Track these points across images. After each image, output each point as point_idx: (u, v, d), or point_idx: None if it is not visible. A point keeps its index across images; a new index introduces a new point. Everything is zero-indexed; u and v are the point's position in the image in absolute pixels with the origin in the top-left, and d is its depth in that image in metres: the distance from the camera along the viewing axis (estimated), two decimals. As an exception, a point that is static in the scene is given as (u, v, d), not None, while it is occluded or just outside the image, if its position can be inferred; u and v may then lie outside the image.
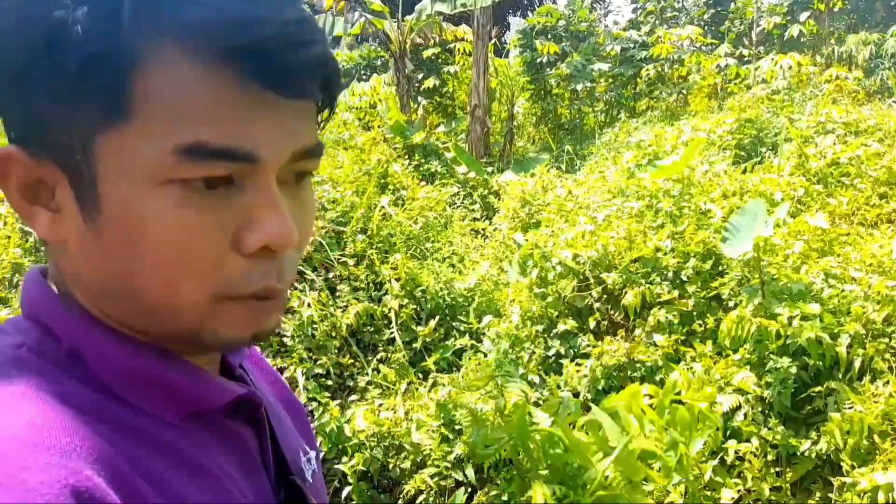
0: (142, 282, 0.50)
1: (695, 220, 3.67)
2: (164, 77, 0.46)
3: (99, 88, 0.46)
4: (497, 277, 4.63)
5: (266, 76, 0.47)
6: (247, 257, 0.50)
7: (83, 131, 0.48)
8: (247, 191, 0.50)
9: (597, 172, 6.16)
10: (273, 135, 0.50)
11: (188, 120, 0.47)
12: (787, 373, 2.57)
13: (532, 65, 10.59)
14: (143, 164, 0.47)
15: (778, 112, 6.69)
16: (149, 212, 0.48)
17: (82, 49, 0.45)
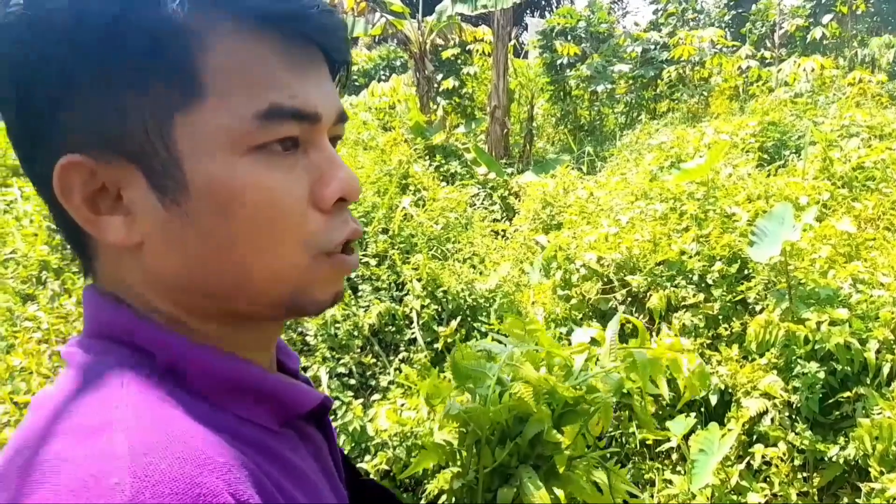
0: (244, 250, 0.51)
1: (720, 223, 3.64)
2: (228, 51, 0.49)
3: (170, 71, 0.47)
4: (518, 279, 4.62)
5: (315, 37, 0.52)
6: (324, 212, 0.53)
7: (159, 116, 0.48)
8: (309, 151, 0.53)
9: (618, 174, 6.13)
10: (324, 95, 0.53)
11: (260, 87, 0.49)
12: (814, 378, 2.55)
13: (552, 66, 10.56)
14: (226, 135, 0.49)
15: (801, 115, 6.63)
16: (237, 179, 0.49)
17: (147, 35, 0.47)
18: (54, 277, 4.38)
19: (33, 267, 4.56)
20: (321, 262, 0.53)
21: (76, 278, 4.10)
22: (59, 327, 3.63)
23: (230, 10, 0.49)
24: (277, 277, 0.52)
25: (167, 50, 0.47)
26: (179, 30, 0.47)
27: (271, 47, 0.50)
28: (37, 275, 4.53)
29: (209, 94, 0.48)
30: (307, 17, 0.51)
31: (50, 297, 4.00)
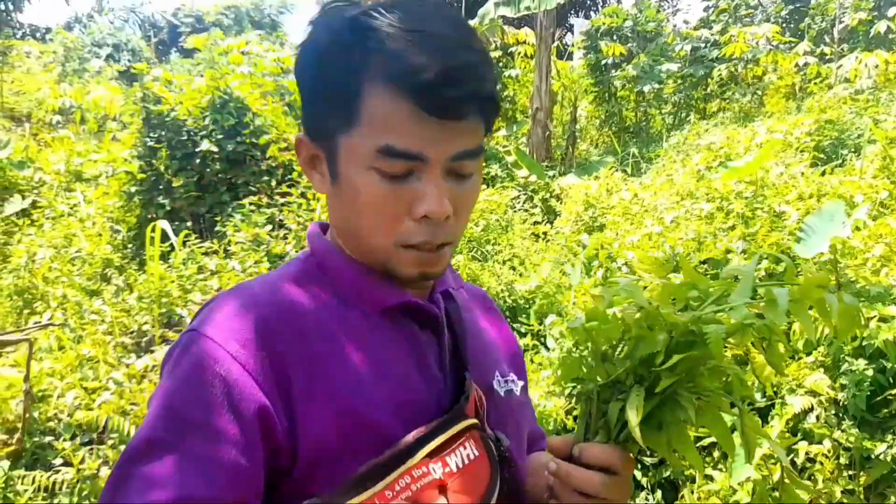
0: (357, 227, 0.81)
1: (768, 222, 3.60)
2: (375, 103, 0.74)
3: (343, 107, 0.77)
4: (559, 280, 4.64)
5: (429, 107, 0.73)
6: (415, 221, 0.78)
7: (334, 130, 0.78)
8: (420, 179, 0.76)
9: (664, 175, 6.08)
10: (436, 143, 0.75)
11: (386, 131, 0.74)
12: (862, 375, 2.51)
13: (596, 67, 10.49)
14: (360, 155, 0.76)
15: (861, 113, 6.45)
16: (360, 184, 0.77)
17: (339, 87, 0.76)
18: (118, 274, 4.60)
19: (98, 264, 4.80)
20: (404, 251, 0.79)
21: (137, 275, 4.30)
22: (122, 320, 3.82)
23: (384, 79, 0.73)
24: (375, 251, 0.81)
25: (344, 96, 0.76)
26: (353, 86, 0.75)
27: (405, 106, 0.73)
28: (101, 272, 4.76)
29: (359, 126, 0.75)
30: (429, 93, 0.72)
31: (114, 293, 4.21)
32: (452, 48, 0.74)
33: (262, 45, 9.85)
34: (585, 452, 0.78)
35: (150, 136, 5.93)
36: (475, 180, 0.81)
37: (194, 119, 6.00)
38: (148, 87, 6.15)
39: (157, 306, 3.84)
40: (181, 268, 4.35)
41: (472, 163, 0.79)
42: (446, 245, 0.80)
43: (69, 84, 11.32)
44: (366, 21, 0.75)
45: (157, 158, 5.84)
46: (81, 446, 2.96)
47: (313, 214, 4.97)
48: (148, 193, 5.78)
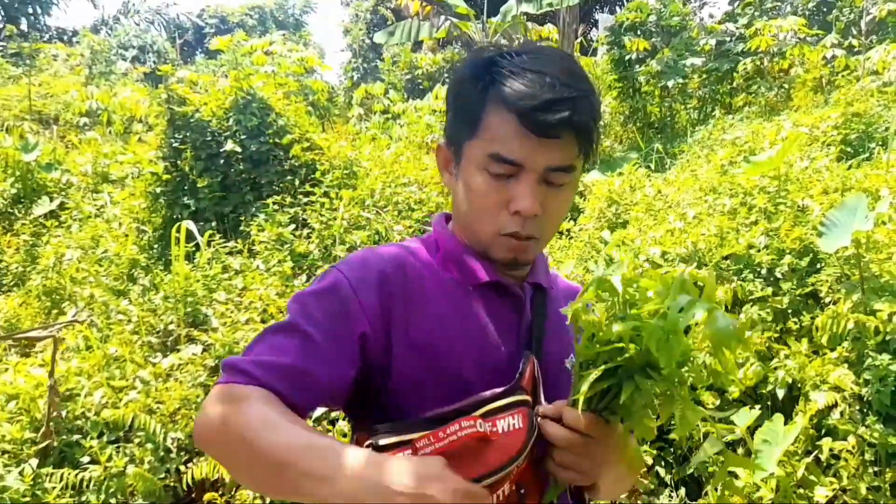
0: (468, 215, 1.03)
1: (791, 216, 3.56)
2: (492, 119, 0.98)
3: (471, 121, 1.00)
4: (583, 277, 4.62)
5: (529, 126, 0.95)
6: (511, 215, 0.99)
7: (461, 140, 1.02)
8: (518, 182, 0.98)
9: (688, 171, 6.02)
10: (533, 155, 0.96)
11: (496, 141, 0.97)
12: (886, 370, 2.48)
13: (620, 62, 10.40)
14: (475, 158, 1.00)
15: (890, 105, 6.32)
16: (473, 181, 1.00)
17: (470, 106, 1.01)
18: (144, 274, 4.67)
19: (124, 265, 4.88)
20: (500, 238, 1.01)
21: (163, 275, 4.37)
22: (148, 319, 3.88)
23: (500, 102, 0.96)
24: (480, 235, 1.03)
25: (472, 113, 1.00)
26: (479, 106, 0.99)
27: (515, 121, 0.95)
28: (128, 272, 4.84)
29: (479, 136, 0.99)
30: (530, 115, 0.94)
31: (140, 293, 4.29)
32: (555, 84, 0.94)
33: (285, 45, 9.93)
34: (566, 416, 0.91)
35: (174, 138, 6.02)
36: (566, 191, 1.02)
37: (218, 120, 6.07)
38: (172, 88, 6.23)
39: (183, 306, 3.90)
40: (206, 267, 4.41)
41: (565, 176, 0.99)
42: (533, 239, 1.00)
43: (96, 86, 11.51)
44: (497, 60, 0.99)
45: (182, 159, 5.92)
46: (108, 444, 3.01)
47: (336, 213, 5.01)
48: (173, 194, 5.86)
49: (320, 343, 0.92)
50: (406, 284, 1.00)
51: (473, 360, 0.98)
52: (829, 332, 2.74)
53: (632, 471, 1.08)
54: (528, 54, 0.99)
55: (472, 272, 1.04)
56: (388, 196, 5.57)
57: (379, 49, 18.69)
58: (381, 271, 1.00)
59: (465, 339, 0.99)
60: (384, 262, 1.02)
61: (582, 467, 0.92)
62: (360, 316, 0.95)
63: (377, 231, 5.02)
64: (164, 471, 2.99)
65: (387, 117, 10.83)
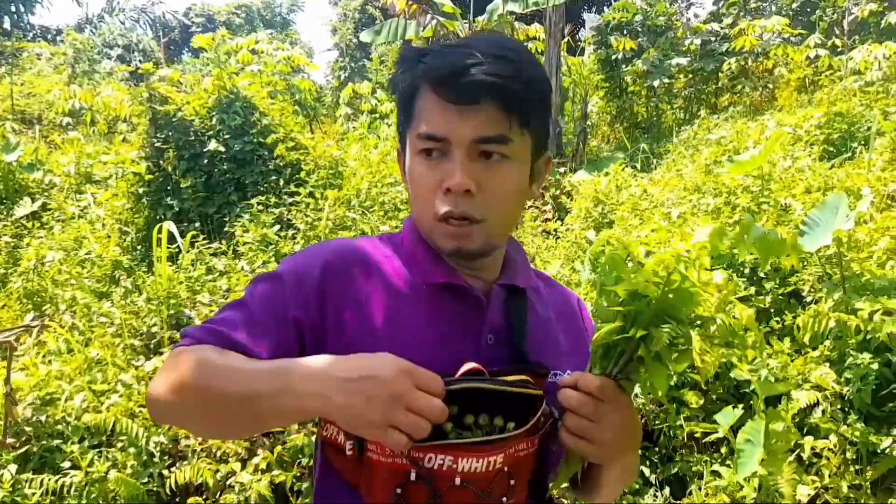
0: (413, 208, 1.00)
1: (774, 216, 3.58)
2: (421, 100, 0.95)
3: (406, 110, 0.98)
4: (569, 277, 4.63)
5: (445, 94, 0.91)
6: (443, 194, 0.93)
7: (404, 133, 0.99)
8: (447, 160, 0.92)
9: (673, 171, 6.05)
10: (459, 127, 0.91)
11: (423, 120, 0.94)
12: (867, 369, 2.49)
13: (607, 62, 10.43)
14: (412, 144, 0.96)
15: (871, 105, 6.37)
16: (412, 167, 0.97)
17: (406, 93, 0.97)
18: (126, 276, 4.63)
19: (107, 267, 4.83)
20: (438, 225, 0.95)
21: (146, 276, 4.33)
22: (130, 322, 3.85)
23: (424, 80, 0.94)
24: (424, 226, 0.98)
25: (406, 101, 0.97)
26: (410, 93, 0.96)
27: (432, 96, 0.92)
28: (110, 274, 4.79)
29: (414, 120, 0.95)
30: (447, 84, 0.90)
31: (122, 294, 4.24)
32: (474, 52, 0.90)
33: (271, 43, 9.88)
34: (580, 381, 0.90)
35: (157, 137, 5.96)
36: (507, 167, 0.94)
37: (201, 119, 6.02)
38: (154, 87, 6.18)
39: (166, 308, 3.86)
40: (189, 269, 4.37)
41: (498, 147, 0.92)
42: (472, 222, 0.93)
43: (79, 86, 11.40)
44: (426, 49, 0.98)
45: (165, 159, 5.87)
46: (90, 449, 2.97)
47: (322, 213, 4.98)
48: (156, 195, 5.81)
49: (262, 324, 0.93)
50: (352, 278, 0.97)
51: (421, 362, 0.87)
52: (810, 332, 2.75)
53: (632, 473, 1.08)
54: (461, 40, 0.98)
55: (428, 272, 1.00)
56: (374, 196, 5.54)
57: (367, 48, 18.65)
58: (327, 261, 0.98)
59: (409, 340, 0.94)
60: (335, 253, 1.00)
61: (595, 435, 0.89)
62: (295, 302, 0.94)
63: (363, 231, 5.00)
64: (147, 475, 2.95)
65: (374, 117, 10.81)
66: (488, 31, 1.11)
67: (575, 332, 1.11)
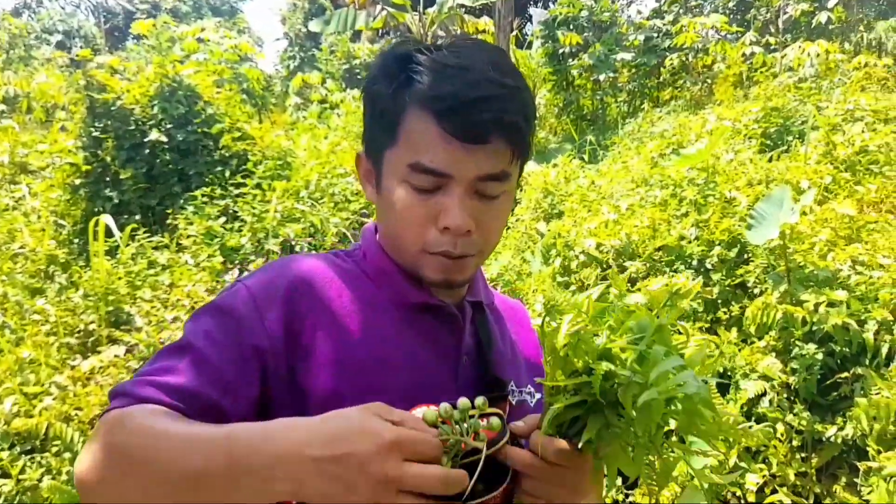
0: (394, 232, 0.91)
1: (719, 208, 3.65)
2: (411, 124, 0.85)
3: (388, 128, 0.87)
4: (520, 267, 4.64)
5: (453, 130, 0.83)
6: (440, 231, 0.86)
7: (381, 147, 0.89)
8: (446, 194, 0.85)
9: (619, 163, 6.13)
10: (462, 163, 0.84)
11: (416, 150, 0.84)
12: (812, 359, 2.56)
13: (554, 56, 10.52)
14: (397, 169, 0.87)
15: (805, 100, 6.58)
16: (395, 195, 0.87)
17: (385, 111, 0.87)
18: (61, 271, 4.43)
19: (41, 262, 4.61)
20: (428, 257, 0.88)
21: (83, 272, 4.15)
22: (66, 319, 3.67)
23: (419, 104, 0.84)
24: (406, 254, 0.90)
25: (389, 119, 0.87)
26: (395, 110, 0.86)
27: (434, 128, 0.83)
28: (45, 269, 4.58)
29: (398, 144, 0.86)
30: (455, 118, 0.82)
31: (57, 291, 4.05)
32: (480, 80, 0.83)
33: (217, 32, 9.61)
34: (530, 440, 0.79)
35: (94, 126, 5.72)
36: (502, 200, 0.90)
37: (142, 108, 5.80)
38: (92, 74, 5.92)
39: (104, 304, 3.70)
40: (129, 263, 4.21)
41: (499, 185, 0.88)
42: (468, 256, 0.89)
43: (14, 72, 10.88)
44: (413, 56, 0.86)
45: (103, 149, 5.64)
46: (21, 455, 2.82)
47: (269, 205, 4.86)
48: (94, 186, 5.59)
49: (215, 364, 0.80)
50: (319, 299, 0.88)
51: (401, 384, 0.85)
52: (757, 322, 2.81)
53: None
54: (448, 48, 0.87)
55: (400, 291, 0.93)
56: (323, 188, 5.45)
57: (317, 38, 18.35)
58: (291, 283, 0.88)
59: (388, 361, 0.87)
60: (297, 274, 0.90)
61: (554, 496, 0.80)
62: (258, 331, 0.83)
63: (312, 223, 4.90)
64: (85, 480, 2.82)
65: (324, 107, 10.64)
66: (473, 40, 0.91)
67: (531, 344, 1.08)
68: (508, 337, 1.03)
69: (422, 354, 0.90)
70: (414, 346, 0.90)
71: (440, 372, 0.90)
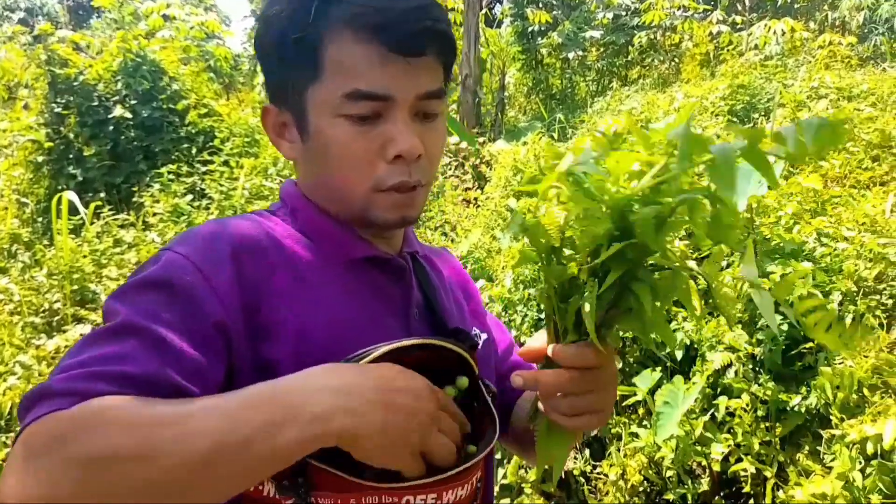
0: (332, 179, 0.82)
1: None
2: (338, 50, 0.77)
3: (307, 60, 0.78)
4: (489, 245, 4.66)
5: (392, 44, 0.76)
6: (388, 163, 0.79)
7: (302, 86, 0.80)
8: (388, 121, 0.78)
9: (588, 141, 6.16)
10: (401, 82, 0.77)
11: (349, 76, 0.76)
12: (778, 330, 2.61)
13: (523, 34, 10.50)
14: (328, 105, 0.78)
15: (771, 78, 6.67)
16: (331, 135, 0.79)
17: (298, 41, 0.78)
18: (25, 250, 4.33)
19: (4, 240, 4.50)
20: (381, 196, 0.80)
21: (47, 250, 4.06)
22: (30, 299, 3.60)
23: (346, 25, 0.76)
24: (353, 200, 0.82)
25: (306, 48, 0.78)
26: (313, 36, 0.77)
27: (368, 49, 0.76)
28: (8, 248, 4.47)
29: (325, 76, 0.77)
30: (390, 31, 0.75)
31: (21, 270, 3.96)
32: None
33: (184, 8, 9.40)
34: (558, 355, 0.74)
35: (57, 102, 5.57)
36: (441, 122, 0.85)
37: (105, 84, 5.66)
38: (53, 48, 5.75)
39: (69, 283, 3.63)
40: (95, 242, 4.13)
41: (438, 103, 0.83)
42: (419, 187, 0.82)
43: (-28, 49, 10.51)
44: None
45: (66, 126, 5.50)
46: (-15, 435, 2.78)
47: (237, 183, 4.80)
48: (57, 163, 5.46)
49: (174, 345, 0.66)
50: (266, 264, 0.77)
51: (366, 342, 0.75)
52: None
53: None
54: None
55: (345, 247, 0.84)
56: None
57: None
58: (233, 248, 0.75)
59: (349, 320, 0.79)
60: (235, 237, 0.77)
61: (596, 405, 0.76)
62: (212, 302, 0.70)
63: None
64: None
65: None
66: None
67: (468, 290, 1.06)
68: (446, 284, 0.99)
69: (377, 310, 0.83)
70: (369, 303, 0.83)
71: (394, 327, 0.83)
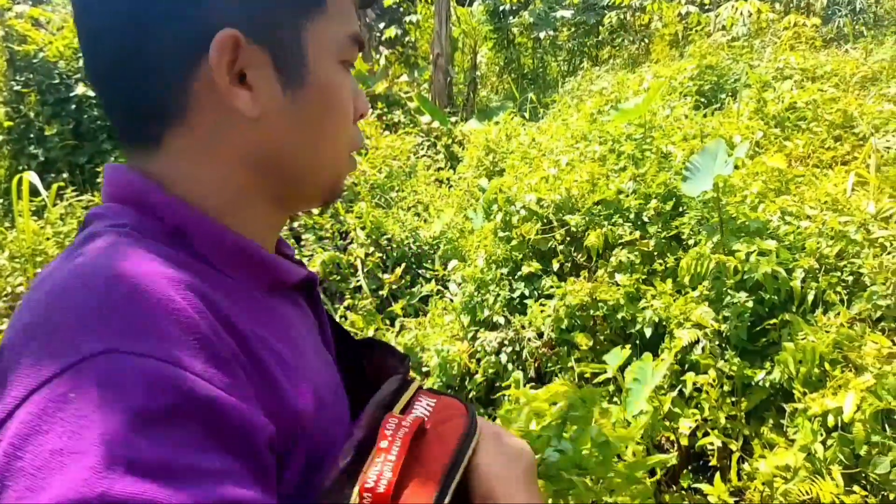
0: (326, 139, 0.64)
1: (656, 162, 3.72)
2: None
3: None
4: (462, 225, 4.66)
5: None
6: (356, 122, 0.68)
7: (296, 18, 0.60)
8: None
9: (560, 120, 6.17)
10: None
11: (349, 16, 0.65)
12: (743, 307, 2.66)
13: (495, 13, 10.44)
14: (336, 46, 0.63)
15: (738, 58, 6.73)
16: (336, 83, 0.63)
17: None
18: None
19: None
20: (349, 160, 0.68)
21: (7, 233, 3.96)
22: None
23: None
24: (333, 165, 0.66)
25: None
26: None
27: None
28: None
29: (332, 9, 0.62)
30: None
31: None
32: None
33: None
34: None
35: (16, 80, 5.41)
36: None
37: (67, 61, 5.51)
38: (11, 24, 5.57)
39: (32, 266, 3.55)
40: (58, 223, 4.04)
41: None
42: None
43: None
44: None
45: (26, 104, 5.35)
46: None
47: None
48: (17, 143, 5.31)
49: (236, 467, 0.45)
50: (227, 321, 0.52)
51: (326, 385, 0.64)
52: (691, 273, 2.90)
53: None
54: None
55: (273, 271, 0.64)
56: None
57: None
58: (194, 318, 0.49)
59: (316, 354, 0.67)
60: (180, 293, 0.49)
61: None
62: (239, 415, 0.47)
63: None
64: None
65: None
66: None
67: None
68: None
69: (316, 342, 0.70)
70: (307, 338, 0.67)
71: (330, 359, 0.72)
